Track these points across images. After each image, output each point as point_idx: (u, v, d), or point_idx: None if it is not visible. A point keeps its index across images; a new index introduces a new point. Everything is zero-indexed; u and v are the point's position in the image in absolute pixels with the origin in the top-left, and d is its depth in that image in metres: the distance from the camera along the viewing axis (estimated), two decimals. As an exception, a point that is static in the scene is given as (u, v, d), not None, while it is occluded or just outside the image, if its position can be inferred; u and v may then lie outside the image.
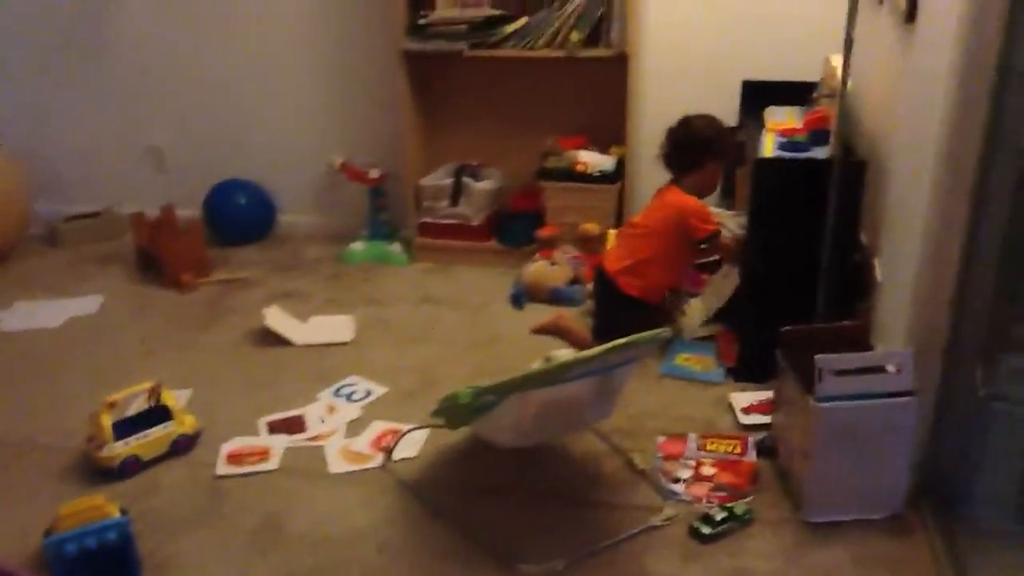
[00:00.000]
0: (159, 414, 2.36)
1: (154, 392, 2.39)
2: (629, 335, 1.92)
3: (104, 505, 1.93)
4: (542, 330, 2.92)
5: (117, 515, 1.93)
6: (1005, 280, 1.90)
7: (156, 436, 2.33)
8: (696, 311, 2.97)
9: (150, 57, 3.89)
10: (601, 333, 2.79)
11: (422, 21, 3.35)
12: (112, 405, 2.28)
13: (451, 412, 2.07)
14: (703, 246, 2.74)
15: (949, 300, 1.94)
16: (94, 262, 3.74)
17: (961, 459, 2.04)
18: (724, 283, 2.92)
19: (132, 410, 2.43)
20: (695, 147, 2.76)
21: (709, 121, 2.80)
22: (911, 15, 2.21)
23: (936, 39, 1.99)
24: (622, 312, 2.75)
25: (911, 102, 2.24)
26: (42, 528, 1.92)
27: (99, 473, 2.28)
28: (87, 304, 3.32)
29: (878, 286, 2.45)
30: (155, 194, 3.92)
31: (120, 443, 2.26)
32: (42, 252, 3.86)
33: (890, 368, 2.00)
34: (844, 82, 2.30)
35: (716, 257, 2.93)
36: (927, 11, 2.12)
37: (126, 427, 2.30)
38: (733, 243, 2.79)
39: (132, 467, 2.28)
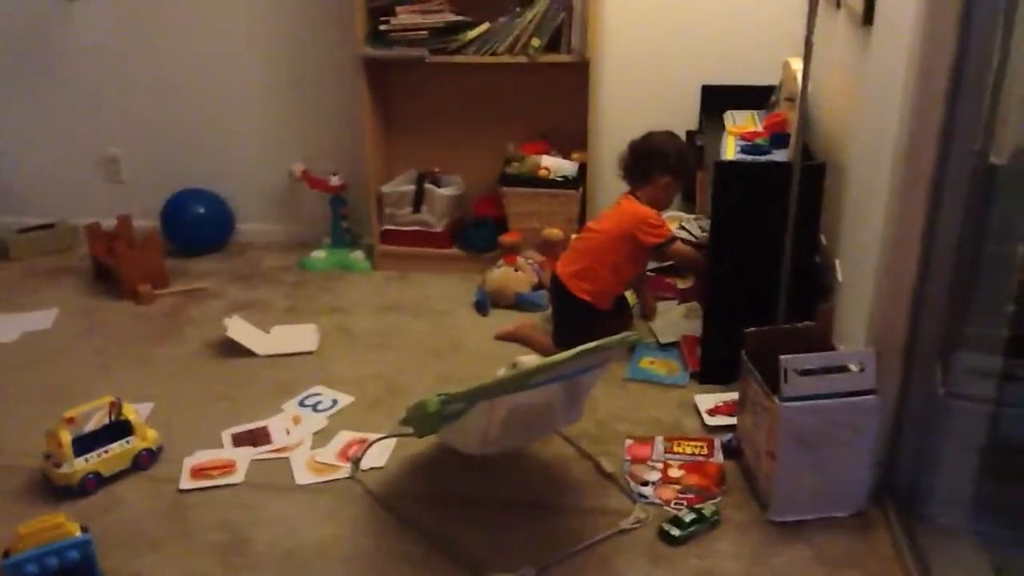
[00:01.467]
0: (120, 429, 2.32)
1: (114, 406, 2.35)
2: (583, 338, 1.93)
3: (64, 523, 1.89)
4: (506, 337, 2.93)
5: (78, 533, 1.89)
6: (961, 279, 1.94)
7: (117, 452, 2.28)
8: (666, 318, 3.01)
9: (104, 66, 3.82)
10: (558, 337, 2.82)
11: (383, 27, 3.33)
12: (71, 421, 2.24)
13: (419, 420, 2.05)
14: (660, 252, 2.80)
15: (908, 300, 1.97)
16: (48, 275, 3.67)
17: (921, 457, 2.07)
18: (681, 321, 2.97)
19: (91, 425, 2.38)
20: (650, 160, 2.78)
21: (668, 137, 2.83)
22: (868, 18, 2.25)
23: (892, 41, 2.02)
24: (574, 315, 2.78)
25: (868, 104, 2.28)
26: (1, 550, 1.88)
27: (58, 491, 2.23)
28: (42, 318, 3.25)
29: (839, 287, 2.48)
30: (111, 205, 3.85)
31: (80, 459, 2.22)
32: (-6, 265, 3.78)
33: (852, 367, 2.03)
34: (804, 85, 2.32)
35: (670, 263, 3.02)
36: (883, 14, 2.16)
37: (86, 443, 2.25)
38: (691, 251, 2.82)
39: (93, 484, 2.24)
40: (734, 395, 2.40)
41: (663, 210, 2.87)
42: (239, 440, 2.46)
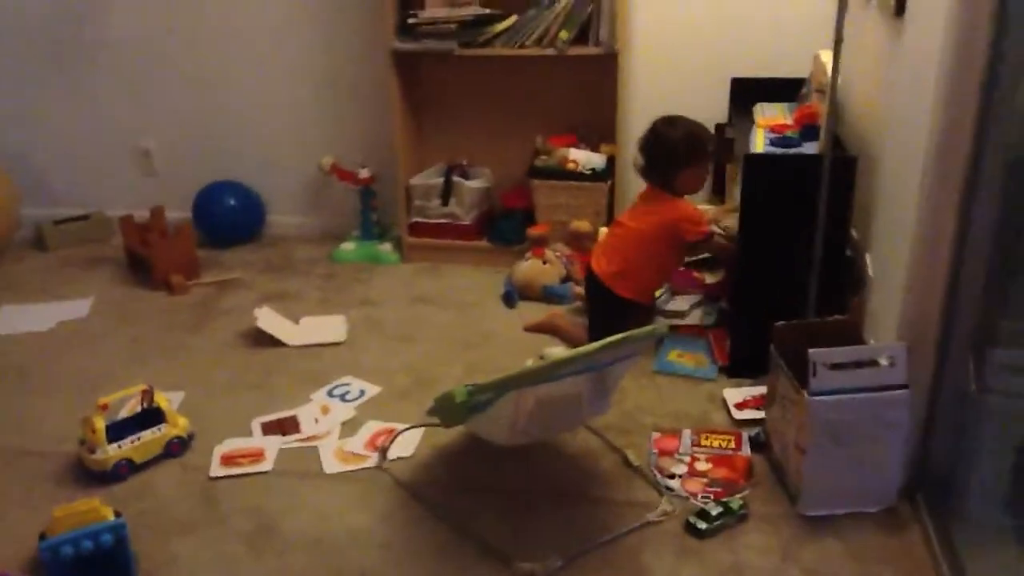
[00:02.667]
0: (152, 416, 2.35)
1: (147, 394, 2.38)
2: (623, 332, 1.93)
3: (99, 508, 1.93)
4: (535, 328, 2.92)
5: (112, 517, 1.92)
6: (995, 274, 1.92)
7: (149, 439, 2.32)
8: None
9: (137, 59, 3.86)
10: (597, 332, 2.79)
11: (412, 21, 3.34)
12: (104, 408, 2.27)
13: (446, 410, 2.07)
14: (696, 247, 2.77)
15: (940, 294, 1.95)
16: (83, 265, 3.72)
17: (953, 452, 2.05)
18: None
19: (125, 412, 2.43)
20: (662, 163, 2.69)
21: (670, 128, 2.71)
22: (900, 9, 2.22)
23: (925, 33, 2.00)
24: (617, 312, 2.73)
25: (901, 97, 2.25)
26: (37, 532, 1.92)
27: (92, 476, 2.27)
28: (77, 307, 3.31)
29: (870, 281, 2.46)
30: (144, 196, 3.89)
31: (113, 446, 2.25)
32: (30, 256, 3.83)
33: (883, 362, 2.01)
34: (834, 77, 2.30)
35: (706, 255, 3.00)
36: (916, 4, 2.14)
37: (119, 430, 2.29)
38: (727, 243, 2.80)
39: (125, 470, 2.27)
40: (762, 389, 2.39)
41: (696, 193, 2.82)
42: (268, 429, 2.48)
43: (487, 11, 3.34)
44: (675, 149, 2.67)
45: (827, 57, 2.42)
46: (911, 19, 2.17)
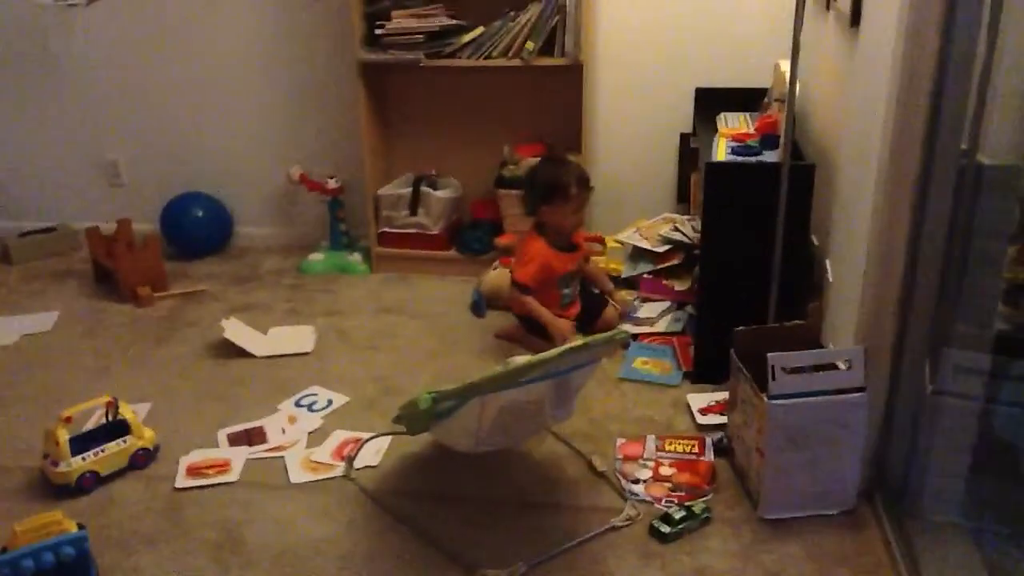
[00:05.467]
0: (117, 428, 2.34)
1: (111, 406, 2.37)
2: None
3: (61, 521, 1.91)
4: (505, 336, 2.96)
5: (74, 530, 1.90)
6: (949, 278, 1.95)
7: (114, 450, 2.31)
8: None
9: (104, 71, 3.85)
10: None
11: (379, 32, 3.36)
12: (68, 420, 2.26)
13: (411, 418, 2.08)
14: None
15: (895, 298, 1.99)
16: (49, 278, 3.69)
17: (910, 454, 2.09)
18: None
19: (89, 425, 2.41)
20: (533, 194, 2.89)
21: (549, 167, 2.91)
22: (855, 19, 2.27)
23: (878, 42, 2.04)
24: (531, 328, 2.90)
25: (856, 105, 2.30)
26: (-2, 546, 1.90)
27: (56, 490, 2.25)
28: (42, 320, 3.28)
29: (829, 286, 2.50)
30: (111, 208, 3.89)
31: (77, 458, 2.24)
32: (-5, 269, 3.81)
33: (841, 365, 2.04)
34: (792, 87, 2.34)
35: (669, 265, 3.12)
36: (870, 15, 2.18)
37: (83, 442, 2.28)
38: (522, 304, 2.89)
39: (90, 482, 2.26)
40: (726, 394, 2.41)
41: (570, 232, 2.90)
42: (235, 439, 2.48)
43: (454, 22, 3.36)
44: (532, 182, 2.90)
45: (787, 67, 2.46)
46: (865, 29, 2.22)
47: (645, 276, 3.15)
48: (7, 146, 4.01)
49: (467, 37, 3.33)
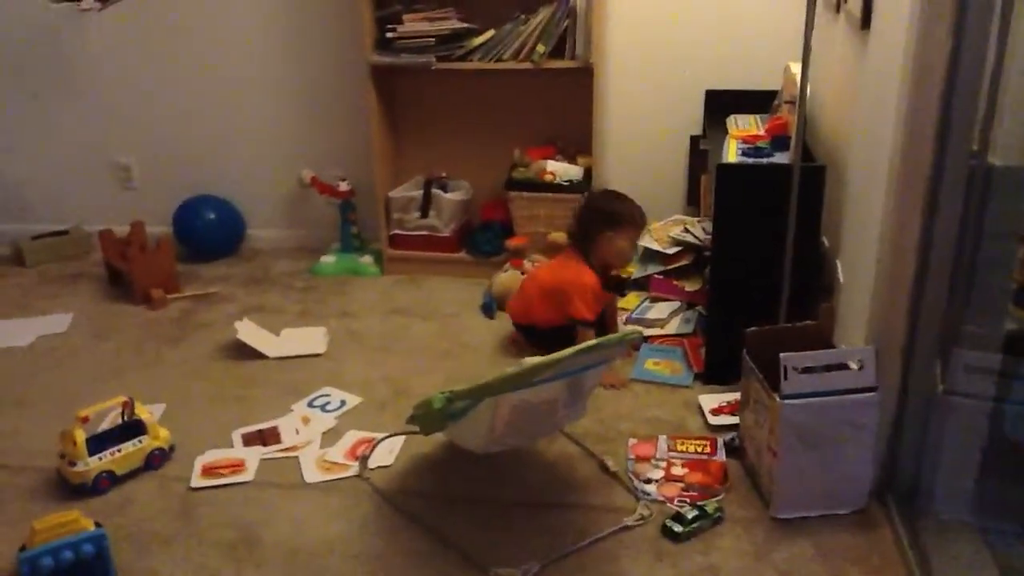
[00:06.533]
0: (133, 428, 2.36)
1: (127, 406, 2.39)
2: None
3: (79, 519, 1.93)
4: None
5: (92, 529, 1.92)
6: (960, 278, 1.96)
7: (130, 450, 2.33)
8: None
9: (116, 75, 3.88)
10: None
11: (390, 35, 3.38)
12: (85, 420, 2.28)
13: (424, 418, 2.09)
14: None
15: (907, 298, 2.00)
16: (62, 281, 3.72)
17: (922, 454, 2.09)
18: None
19: (105, 425, 2.43)
20: (590, 222, 2.81)
21: (612, 198, 2.86)
22: (866, 22, 2.28)
23: (889, 45, 2.05)
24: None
25: (867, 107, 2.31)
26: (16, 547, 1.92)
27: (73, 489, 2.27)
28: (56, 322, 3.31)
29: (840, 287, 2.51)
30: (123, 211, 3.91)
31: (94, 458, 2.26)
32: (8, 272, 3.83)
33: (852, 365, 2.05)
34: (803, 89, 2.36)
35: (679, 265, 3.14)
36: (880, 17, 2.19)
37: (99, 442, 2.29)
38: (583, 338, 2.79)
39: (106, 482, 2.28)
40: (737, 395, 2.42)
41: (619, 265, 2.90)
42: (249, 440, 2.50)
43: (464, 25, 3.38)
44: (591, 214, 2.82)
45: (797, 69, 2.47)
46: (876, 31, 2.23)
47: (656, 276, 3.17)
48: (21, 149, 4.04)
49: (478, 40, 3.35)
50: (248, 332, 3.05)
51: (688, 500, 2.17)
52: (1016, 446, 2.00)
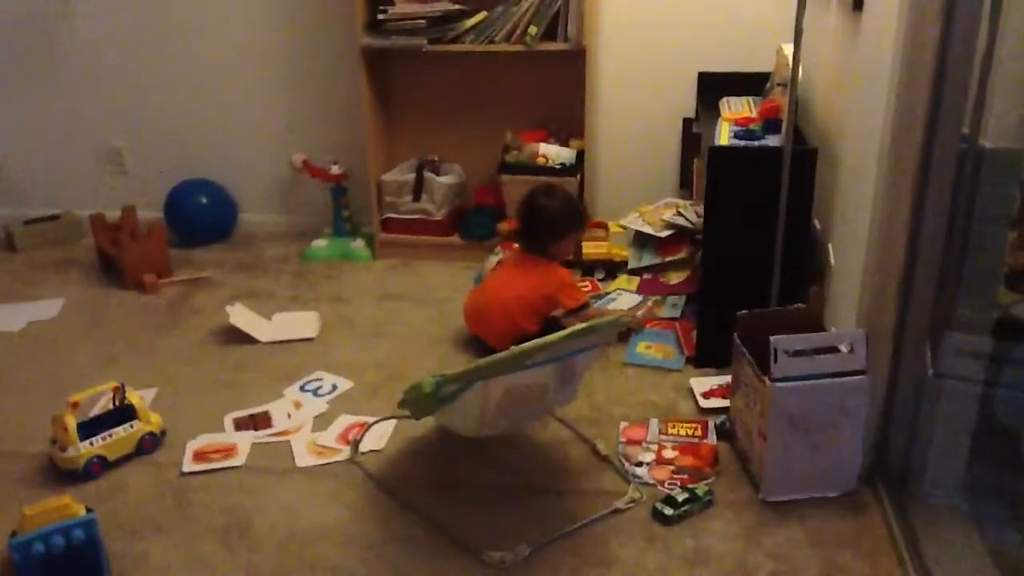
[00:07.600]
0: (124, 413, 2.36)
1: (118, 391, 2.39)
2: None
3: (70, 505, 1.93)
4: None
5: (83, 514, 1.92)
6: (950, 261, 1.96)
7: (121, 436, 2.32)
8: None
9: (106, 59, 3.85)
10: None
11: (381, 17, 3.36)
12: (75, 405, 2.27)
13: (415, 402, 2.09)
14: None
15: (896, 282, 2.00)
16: (54, 266, 3.71)
17: (912, 437, 2.10)
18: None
19: (96, 410, 2.43)
20: (545, 230, 2.84)
21: (557, 200, 2.85)
22: (858, 4, 2.27)
23: (880, 26, 2.04)
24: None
25: (858, 90, 2.30)
26: (6, 532, 1.91)
27: (64, 475, 2.27)
28: (48, 308, 3.30)
29: (831, 270, 2.51)
30: (115, 196, 3.90)
31: (85, 443, 2.26)
32: None
33: (842, 348, 2.05)
34: (795, 71, 2.34)
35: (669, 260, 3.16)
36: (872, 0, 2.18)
37: (90, 427, 2.29)
38: (597, 314, 2.81)
39: (97, 468, 2.28)
40: (728, 378, 2.43)
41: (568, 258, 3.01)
42: (241, 424, 2.50)
43: (456, 7, 3.36)
44: (554, 220, 2.83)
45: (790, 51, 2.46)
46: (868, 13, 2.22)
47: (644, 277, 3.18)
48: (11, 133, 4.02)
49: (470, 22, 3.33)
50: (240, 316, 3.04)
51: (679, 483, 2.17)
52: (1006, 430, 2.01)
